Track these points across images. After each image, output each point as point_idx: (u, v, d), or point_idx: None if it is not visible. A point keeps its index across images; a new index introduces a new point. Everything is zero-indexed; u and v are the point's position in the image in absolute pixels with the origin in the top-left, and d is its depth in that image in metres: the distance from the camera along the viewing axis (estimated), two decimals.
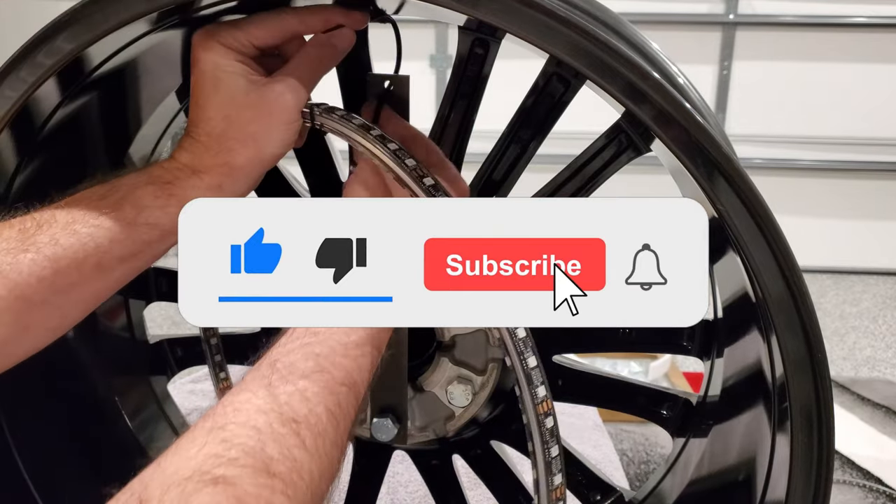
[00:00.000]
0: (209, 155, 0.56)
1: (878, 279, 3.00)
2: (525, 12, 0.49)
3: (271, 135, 0.57)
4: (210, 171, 0.56)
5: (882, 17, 2.84)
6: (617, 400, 0.75)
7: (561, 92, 0.64)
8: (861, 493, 1.35)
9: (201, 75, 0.57)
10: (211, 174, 0.56)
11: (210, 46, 0.56)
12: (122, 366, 0.84)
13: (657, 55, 0.69)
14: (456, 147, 0.69)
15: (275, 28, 0.58)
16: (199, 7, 0.57)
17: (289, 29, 0.59)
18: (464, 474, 0.80)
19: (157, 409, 0.86)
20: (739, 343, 0.68)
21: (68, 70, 0.56)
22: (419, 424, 0.73)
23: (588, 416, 1.48)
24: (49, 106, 0.60)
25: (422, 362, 0.73)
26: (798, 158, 3.00)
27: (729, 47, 2.92)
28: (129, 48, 0.59)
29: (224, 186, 0.56)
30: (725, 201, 0.50)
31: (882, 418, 1.66)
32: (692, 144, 0.50)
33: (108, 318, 0.82)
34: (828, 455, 0.52)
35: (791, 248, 0.50)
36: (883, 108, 2.94)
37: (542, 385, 0.56)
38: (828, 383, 0.51)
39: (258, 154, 0.56)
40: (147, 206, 0.54)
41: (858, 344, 2.26)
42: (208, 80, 0.56)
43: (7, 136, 0.59)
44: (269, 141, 0.57)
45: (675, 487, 0.75)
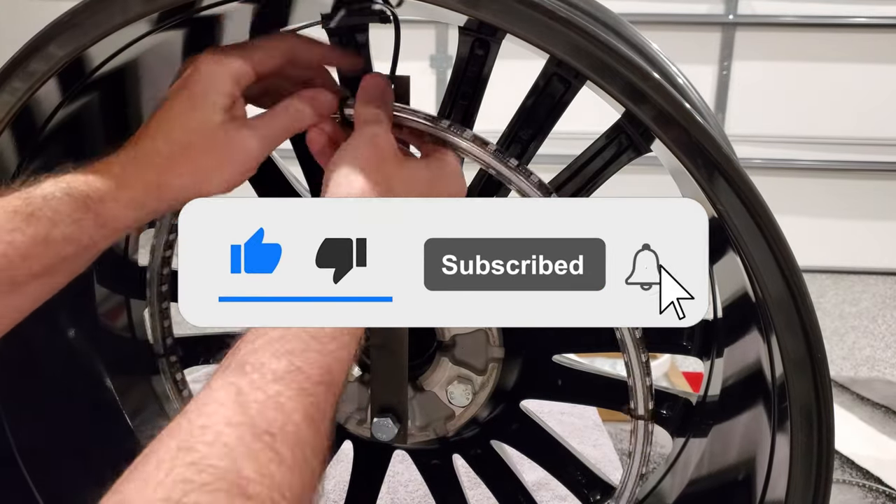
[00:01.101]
0: (147, 171, 0.53)
1: (877, 279, 3.00)
2: (525, 13, 0.49)
3: (221, 175, 0.55)
4: (138, 187, 0.53)
5: (882, 17, 2.83)
6: (617, 400, 0.75)
7: (561, 92, 0.64)
8: (861, 493, 1.35)
9: (190, 85, 0.55)
10: (137, 189, 0.53)
11: (213, 66, 0.55)
12: (123, 365, 0.84)
13: (657, 55, 0.69)
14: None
15: (279, 51, 0.58)
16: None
17: (291, 53, 0.59)
18: (464, 474, 0.80)
19: (157, 408, 0.86)
20: (739, 343, 0.68)
21: (69, 71, 0.56)
22: (419, 424, 0.74)
23: (588, 416, 1.48)
24: (49, 106, 0.61)
25: (422, 362, 0.73)
26: (798, 158, 3.00)
27: (728, 48, 2.92)
28: (129, 49, 0.59)
29: (147, 206, 0.53)
30: (725, 201, 0.50)
31: (881, 418, 1.66)
32: (692, 145, 0.50)
33: (110, 317, 0.83)
34: (827, 455, 0.52)
35: (791, 248, 0.50)
36: (882, 109, 2.94)
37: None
38: (827, 383, 0.51)
39: (197, 186, 0.54)
40: (61, 222, 0.50)
41: (858, 344, 2.26)
42: (192, 96, 0.54)
43: (7, 136, 0.59)
44: (215, 179, 0.55)
45: (674, 487, 0.75)
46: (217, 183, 0.55)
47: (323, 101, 0.59)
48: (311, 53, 0.61)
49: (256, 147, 0.56)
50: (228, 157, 0.55)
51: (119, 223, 0.53)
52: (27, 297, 0.52)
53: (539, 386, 0.74)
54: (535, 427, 0.76)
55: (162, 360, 0.78)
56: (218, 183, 0.55)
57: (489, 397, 0.72)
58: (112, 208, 0.52)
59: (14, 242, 0.49)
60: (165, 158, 0.53)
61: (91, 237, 0.52)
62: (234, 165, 0.55)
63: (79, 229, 0.51)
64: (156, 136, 0.54)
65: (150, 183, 0.53)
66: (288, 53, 0.60)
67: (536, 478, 0.91)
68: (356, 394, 0.74)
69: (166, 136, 0.54)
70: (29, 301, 0.52)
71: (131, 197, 0.53)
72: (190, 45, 0.68)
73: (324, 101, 0.60)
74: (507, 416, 0.75)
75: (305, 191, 0.76)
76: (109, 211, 0.52)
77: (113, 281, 0.81)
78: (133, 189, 0.53)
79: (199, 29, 0.66)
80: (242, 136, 0.55)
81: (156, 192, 0.53)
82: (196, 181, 0.54)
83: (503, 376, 0.72)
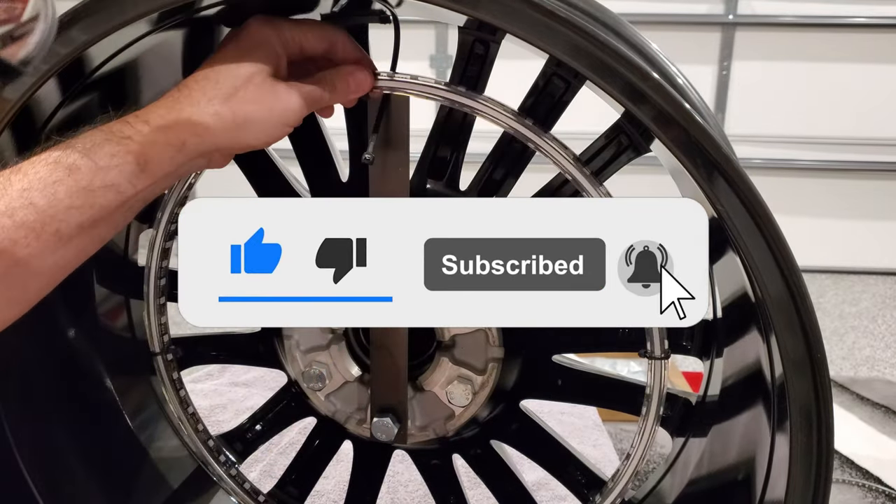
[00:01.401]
0: (191, 110, 0.54)
1: (877, 279, 3.00)
2: (525, 13, 0.49)
3: (261, 125, 0.56)
4: (180, 126, 0.53)
5: (882, 17, 2.83)
6: (617, 400, 0.75)
7: (561, 92, 0.64)
8: (860, 493, 1.35)
9: (242, 39, 0.57)
10: (179, 129, 0.53)
11: (265, 27, 0.57)
12: (123, 365, 0.84)
13: (657, 56, 0.69)
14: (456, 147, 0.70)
15: (325, 39, 0.61)
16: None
17: (332, 44, 0.61)
18: (464, 474, 0.80)
19: (157, 408, 0.86)
20: (739, 343, 0.68)
21: (69, 70, 0.56)
22: (419, 424, 0.74)
23: (588, 416, 1.48)
24: (50, 106, 0.61)
25: (422, 362, 0.73)
26: (797, 158, 3.00)
27: (728, 48, 2.92)
28: (130, 48, 0.59)
29: (187, 146, 0.54)
30: (725, 201, 0.50)
31: (881, 418, 1.66)
32: (692, 145, 0.50)
33: (110, 317, 0.83)
34: (827, 455, 0.53)
35: (790, 249, 0.50)
36: (882, 108, 2.93)
37: None
38: (827, 383, 0.51)
39: (238, 132, 0.55)
40: (103, 168, 0.51)
41: (857, 344, 2.26)
42: (246, 46, 0.57)
43: (7, 136, 0.59)
44: (254, 128, 0.56)
45: (674, 487, 0.75)
46: (255, 133, 0.56)
47: (361, 78, 0.62)
48: (347, 53, 0.62)
49: (297, 104, 0.57)
50: (270, 109, 0.56)
51: (159, 167, 0.53)
52: (73, 251, 0.52)
53: (539, 386, 0.74)
54: (535, 427, 0.76)
55: (157, 359, 0.78)
56: (256, 133, 0.56)
57: (489, 397, 0.72)
58: (152, 150, 0.53)
59: (57, 194, 0.50)
60: (209, 101, 0.54)
61: (132, 183, 0.52)
62: (275, 117, 0.56)
63: (119, 174, 0.52)
64: (203, 80, 0.55)
65: (191, 123, 0.54)
66: (333, 44, 0.61)
67: (536, 478, 0.91)
68: (356, 394, 0.74)
69: (214, 81, 0.55)
70: (74, 255, 0.53)
71: (171, 138, 0.53)
72: (190, 44, 0.68)
73: (361, 79, 0.62)
74: (507, 416, 0.75)
75: (305, 191, 0.76)
76: (150, 152, 0.52)
77: (113, 281, 0.81)
78: (174, 130, 0.53)
79: (199, 29, 0.66)
80: (286, 92, 0.57)
81: (200, 132, 0.54)
82: (235, 125, 0.55)
83: (503, 376, 0.72)
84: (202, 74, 0.56)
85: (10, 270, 0.49)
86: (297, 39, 0.59)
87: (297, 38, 0.59)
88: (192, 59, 0.72)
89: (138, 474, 0.83)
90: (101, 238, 0.54)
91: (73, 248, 0.52)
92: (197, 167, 0.58)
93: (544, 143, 0.62)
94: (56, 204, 0.50)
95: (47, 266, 0.51)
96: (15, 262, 0.49)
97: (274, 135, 0.58)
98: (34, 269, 0.50)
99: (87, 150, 0.51)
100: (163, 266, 0.75)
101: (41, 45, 0.48)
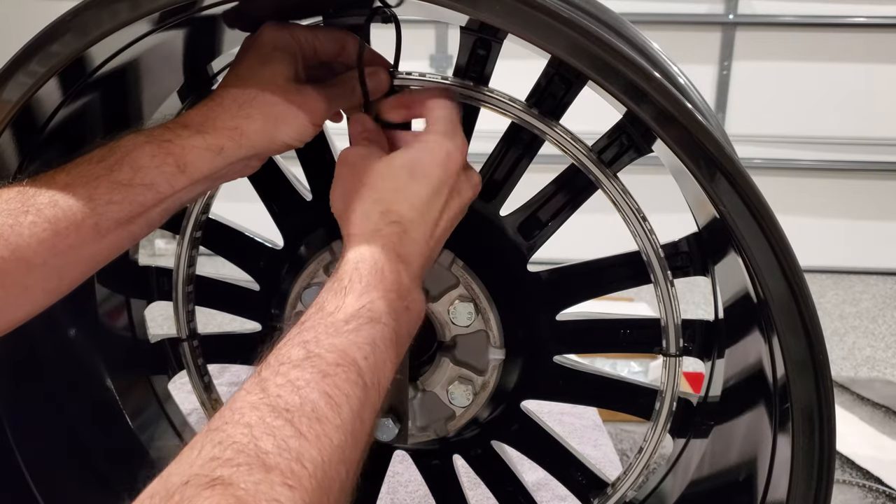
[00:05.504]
0: (224, 116, 0.57)
1: (877, 279, 3.00)
2: (527, 13, 0.49)
3: (292, 124, 0.58)
4: (217, 131, 0.56)
5: (882, 17, 2.84)
6: (617, 400, 0.75)
7: (562, 92, 0.64)
8: (861, 493, 1.35)
9: (257, 46, 0.59)
10: (216, 134, 0.56)
11: (278, 31, 0.59)
12: (123, 365, 0.84)
13: (658, 55, 0.69)
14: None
15: (336, 42, 0.63)
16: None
17: (343, 46, 0.63)
18: (464, 474, 0.80)
19: (157, 408, 0.86)
20: (740, 344, 0.68)
21: (69, 70, 0.56)
22: (420, 424, 0.73)
23: (588, 416, 1.48)
24: (51, 106, 0.60)
25: (423, 362, 0.73)
26: (798, 158, 3.00)
27: (729, 47, 2.92)
28: (130, 48, 0.59)
29: (225, 150, 0.56)
30: (727, 201, 0.50)
31: (882, 418, 1.66)
32: (694, 145, 0.50)
33: (110, 317, 0.82)
34: (829, 456, 0.52)
35: (792, 249, 0.50)
36: (883, 108, 2.94)
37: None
38: (829, 384, 0.51)
39: (269, 133, 0.57)
40: (143, 167, 0.54)
41: (858, 344, 2.26)
42: (262, 52, 0.59)
43: (8, 136, 0.58)
44: (285, 127, 0.58)
45: (675, 488, 0.75)
46: (286, 132, 0.58)
47: (379, 79, 0.63)
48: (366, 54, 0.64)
49: (323, 103, 0.60)
50: (297, 107, 0.58)
51: (197, 169, 0.56)
52: (108, 245, 0.55)
53: (540, 386, 0.74)
54: (535, 427, 0.75)
55: (184, 345, 0.80)
56: (287, 132, 0.58)
57: (490, 398, 0.72)
58: (192, 153, 0.55)
59: (99, 188, 0.53)
60: (240, 105, 0.57)
61: (170, 184, 0.55)
62: (303, 116, 0.58)
63: (159, 175, 0.54)
64: (231, 86, 0.58)
65: (226, 127, 0.56)
66: (344, 47, 0.63)
67: (536, 478, 0.91)
68: None
69: (242, 86, 0.57)
70: (108, 249, 0.55)
71: (210, 142, 0.56)
72: (190, 44, 0.68)
73: (380, 79, 0.63)
74: (508, 417, 0.75)
75: (306, 190, 0.75)
76: (189, 155, 0.55)
77: (113, 281, 0.81)
78: (211, 134, 0.56)
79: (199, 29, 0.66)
80: (310, 91, 0.59)
81: (236, 135, 0.56)
82: (268, 126, 0.57)
83: (504, 377, 0.72)
84: (229, 81, 0.58)
85: (50, 260, 0.51)
86: (311, 42, 0.61)
87: (311, 40, 0.61)
88: (192, 59, 0.71)
89: (138, 474, 0.83)
90: (135, 235, 0.57)
91: (108, 242, 0.55)
92: (235, 172, 0.60)
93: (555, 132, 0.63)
94: (97, 198, 0.53)
95: (83, 258, 0.54)
96: (56, 252, 0.51)
97: (305, 133, 0.59)
98: (72, 259, 0.53)
99: (128, 150, 0.54)
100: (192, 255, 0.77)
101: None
